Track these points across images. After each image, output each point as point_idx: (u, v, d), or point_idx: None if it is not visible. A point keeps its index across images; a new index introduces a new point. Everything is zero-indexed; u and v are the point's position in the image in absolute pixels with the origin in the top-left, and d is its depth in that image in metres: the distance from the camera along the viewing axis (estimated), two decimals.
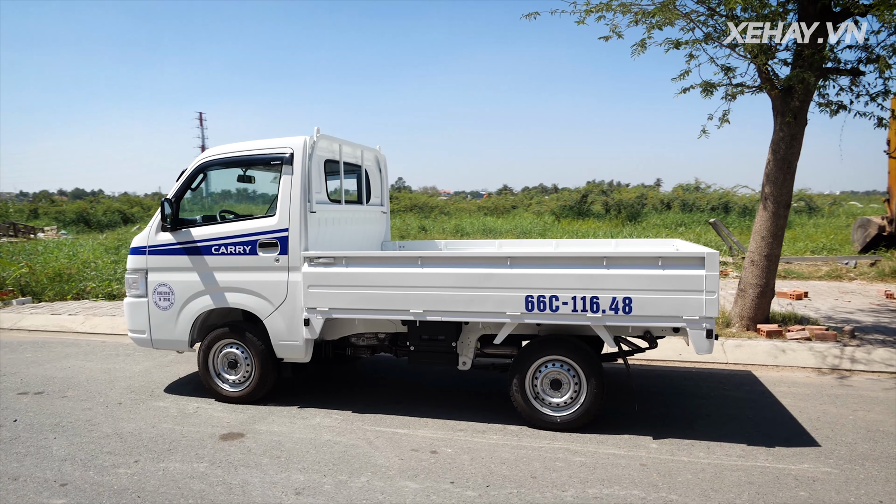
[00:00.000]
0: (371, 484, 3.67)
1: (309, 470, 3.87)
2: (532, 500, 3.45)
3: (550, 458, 4.03)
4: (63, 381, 5.94)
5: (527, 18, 7.11)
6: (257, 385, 5.15)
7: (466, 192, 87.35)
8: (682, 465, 3.89)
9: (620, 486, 3.62)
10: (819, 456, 4.03)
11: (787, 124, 6.70)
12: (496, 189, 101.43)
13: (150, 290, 5.32)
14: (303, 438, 4.40)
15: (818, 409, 4.96)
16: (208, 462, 3.99)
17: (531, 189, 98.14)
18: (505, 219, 29.74)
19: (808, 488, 3.57)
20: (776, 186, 6.88)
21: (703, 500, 3.43)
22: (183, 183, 5.29)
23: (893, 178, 14.70)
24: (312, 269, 4.80)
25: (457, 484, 3.66)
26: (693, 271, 4.14)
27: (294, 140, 5.03)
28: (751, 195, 29.19)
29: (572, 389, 4.52)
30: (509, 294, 4.42)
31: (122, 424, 4.71)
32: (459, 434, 4.46)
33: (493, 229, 23.66)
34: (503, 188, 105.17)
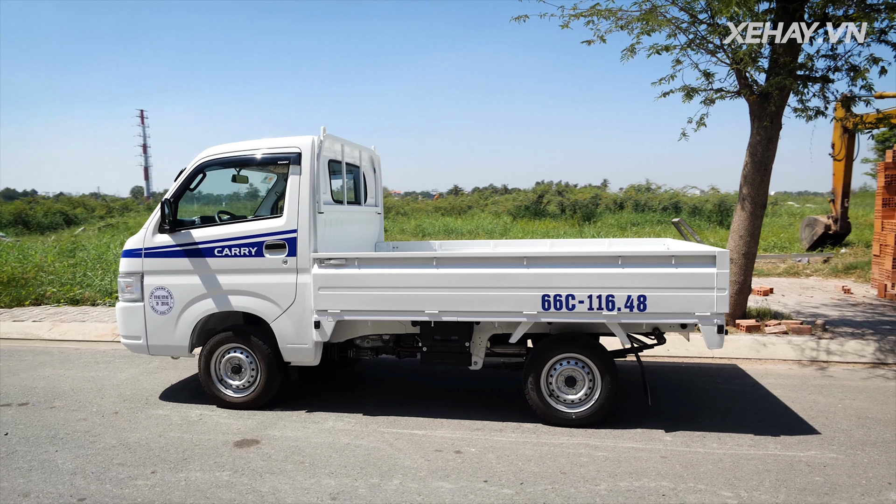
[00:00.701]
0: (405, 486, 3.66)
1: (337, 475, 3.82)
2: (568, 496, 3.52)
3: (573, 453, 4.11)
4: (46, 391, 5.65)
5: (516, 21, 7.20)
6: (263, 390, 5.03)
7: (417, 192, 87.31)
8: (701, 456, 4.04)
9: (649, 478, 3.73)
10: (822, 443, 4.25)
11: (763, 128, 7.02)
12: (447, 189, 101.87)
13: (147, 294, 5.12)
14: (321, 443, 4.33)
15: (808, 399, 5.23)
16: (230, 470, 3.89)
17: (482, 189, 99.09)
18: (463, 219, 29.90)
19: (822, 473, 3.77)
20: (753, 188, 7.21)
21: (730, 489, 3.58)
22: (182, 183, 5.12)
23: (838, 180, 15.55)
24: (323, 271, 4.73)
25: (490, 482, 3.69)
26: (705, 269, 4.30)
27: (301, 140, 4.95)
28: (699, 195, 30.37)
29: (587, 386, 4.62)
30: (526, 293, 4.48)
31: (126, 435, 4.53)
32: (477, 433, 4.49)
33: (455, 229, 23.77)
34: (454, 188, 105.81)
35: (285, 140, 5.01)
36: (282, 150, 4.96)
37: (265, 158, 5.07)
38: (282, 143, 5.01)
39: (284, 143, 4.99)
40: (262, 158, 5.09)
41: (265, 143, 5.09)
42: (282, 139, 5.04)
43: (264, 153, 5.05)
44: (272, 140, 5.07)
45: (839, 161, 15.38)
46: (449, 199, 38.80)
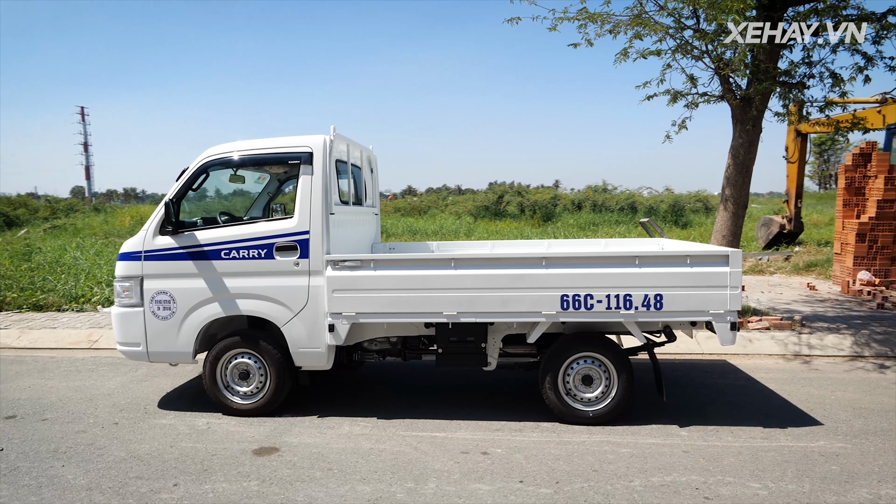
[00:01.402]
0: (442, 489, 3.63)
1: (370, 480, 3.76)
2: (606, 493, 3.57)
3: (598, 451, 4.17)
4: (32, 402, 5.34)
5: (509, 23, 7.26)
6: (272, 396, 4.90)
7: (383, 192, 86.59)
8: (720, 450, 4.16)
9: (678, 472, 3.82)
10: (827, 434, 4.45)
11: (746, 131, 7.29)
12: (400, 190, 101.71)
13: (147, 298, 4.91)
14: (343, 448, 4.25)
15: (802, 391, 5.46)
16: (257, 480, 3.77)
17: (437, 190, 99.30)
18: (425, 219, 29.89)
19: (836, 463, 3.95)
20: (736, 189, 7.48)
21: (757, 480, 3.70)
22: (184, 183, 4.93)
23: (791, 181, 16.28)
24: (338, 273, 4.65)
25: (527, 483, 3.70)
26: (718, 268, 4.43)
27: (312, 139, 4.85)
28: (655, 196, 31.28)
29: (603, 384, 4.69)
30: (545, 294, 4.52)
31: (134, 446, 4.33)
32: (498, 434, 4.50)
33: (418, 230, 23.69)
34: (408, 189, 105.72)
35: (295, 139, 4.89)
36: (292, 150, 4.84)
37: (274, 158, 4.94)
38: (291, 142, 4.89)
39: (294, 142, 4.87)
40: (270, 158, 4.96)
41: (273, 142, 4.95)
42: (290, 138, 4.92)
43: (273, 152, 4.92)
44: (280, 139, 4.95)
45: (792, 163, 16.12)
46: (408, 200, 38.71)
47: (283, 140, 4.94)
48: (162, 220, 4.90)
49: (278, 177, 6.17)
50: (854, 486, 3.62)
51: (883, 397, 5.28)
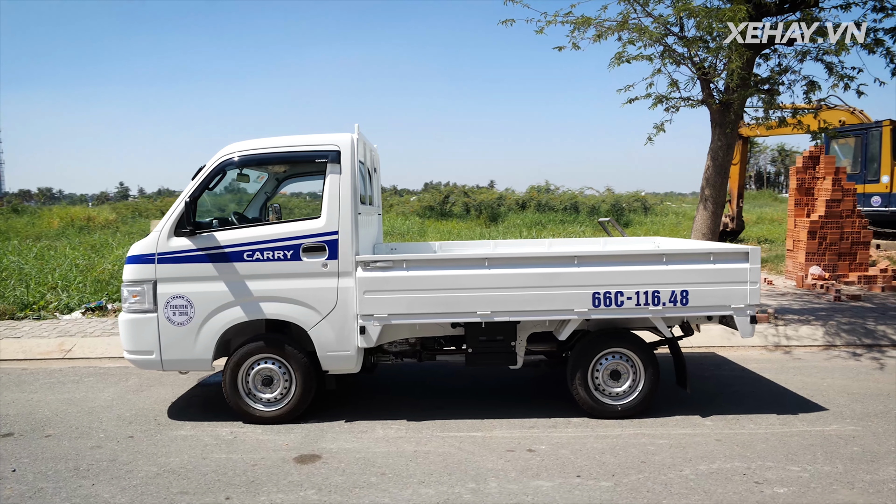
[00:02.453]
0: (505, 488, 3.64)
1: (429, 483, 3.72)
2: (664, 482, 3.69)
3: (637, 443, 4.30)
4: (24, 418, 4.94)
5: (503, 24, 7.33)
6: (298, 402, 4.75)
7: (304, 192, 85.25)
8: (748, 437, 4.38)
9: (721, 460, 3.99)
10: (836, 418, 4.77)
11: (725, 135, 7.68)
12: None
13: (162, 303, 4.65)
14: (387, 452, 4.18)
15: (795, 380, 5.81)
16: (314, 489, 3.66)
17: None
18: None
19: (855, 444, 4.24)
20: (715, 189, 7.86)
21: (794, 463, 3.93)
22: (201, 182, 4.71)
23: (733, 182, 17.20)
24: (369, 274, 4.57)
25: (584, 477, 3.77)
26: (739, 265, 4.66)
27: (339, 137, 4.74)
28: (597, 196, 32.32)
29: (631, 379, 4.83)
30: (577, 291, 4.60)
31: (163, 460, 4.09)
32: (534, 431, 4.55)
33: None
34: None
35: (320, 137, 4.77)
36: (319, 148, 4.71)
37: (299, 156, 4.80)
38: (317, 140, 4.76)
39: (320, 140, 4.75)
40: (295, 156, 4.82)
41: (297, 139, 4.81)
42: (315, 136, 4.79)
43: (298, 150, 4.78)
44: (304, 137, 4.81)
45: (735, 165, 17.03)
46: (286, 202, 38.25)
47: (308, 138, 4.80)
48: (178, 221, 4.66)
49: (277, 176, 5.99)
50: (881, 465, 3.89)
51: (869, 383, 5.70)
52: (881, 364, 6.34)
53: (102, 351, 7.02)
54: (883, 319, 7.87)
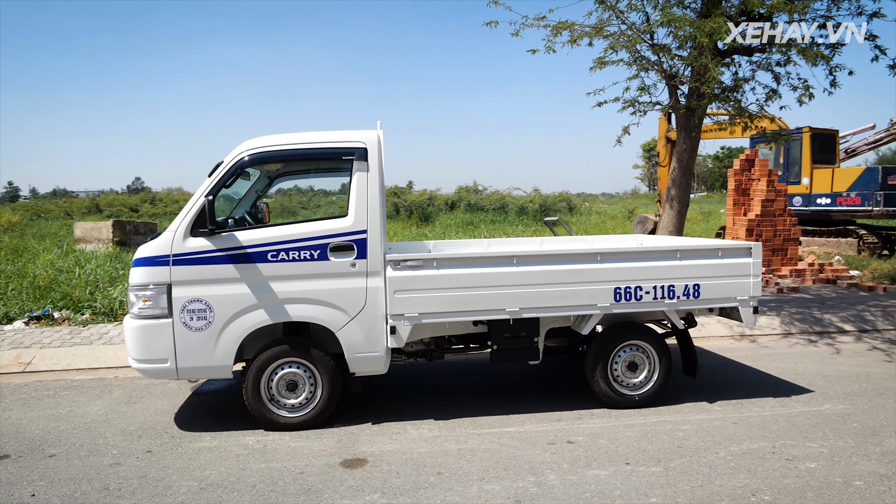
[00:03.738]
0: (565, 479, 3.73)
1: (489, 479, 3.74)
2: (707, 464, 3.91)
3: (664, 430, 4.51)
4: (12, 437, 4.49)
5: (487, 26, 7.43)
6: (325, 406, 4.62)
7: (288, 190, 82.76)
8: (760, 419, 4.71)
9: (747, 441, 4.27)
10: (824, 399, 5.21)
11: (690, 138, 8.16)
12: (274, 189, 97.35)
13: (177, 307, 4.38)
14: (432, 452, 4.16)
15: (773, 366, 6.29)
16: (377, 492, 3.58)
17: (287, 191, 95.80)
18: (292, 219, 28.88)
19: (853, 421, 4.66)
20: (681, 190, 8.33)
21: (810, 441, 4.27)
22: (219, 179, 4.48)
23: (662, 183, 18.18)
24: (399, 273, 4.52)
25: (633, 464, 3.93)
26: (744, 259, 4.99)
27: (365, 134, 4.65)
28: (524, 196, 33.18)
29: (647, 369, 5.06)
30: (600, 287, 4.77)
31: (199, 474, 3.86)
32: (563, 424, 4.67)
33: None
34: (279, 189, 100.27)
35: (345, 134, 4.66)
36: (345, 145, 4.60)
37: (324, 153, 4.67)
38: (341, 137, 4.65)
39: (345, 137, 4.64)
40: (320, 153, 4.68)
41: (320, 136, 4.67)
42: (339, 133, 4.68)
43: (324, 147, 4.64)
44: (328, 134, 4.68)
45: (663, 167, 18.03)
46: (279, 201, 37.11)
47: (332, 135, 4.68)
48: (194, 221, 4.40)
49: (269, 174, 5.78)
50: (883, 438, 4.31)
51: (835, 366, 6.26)
52: (837, 349, 6.97)
53: (68, 362, 6.48)
54: (824, 309, 8.65)
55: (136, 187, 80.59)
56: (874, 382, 5.65)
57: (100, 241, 14.22)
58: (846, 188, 12.55)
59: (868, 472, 3.78)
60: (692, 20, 6.62)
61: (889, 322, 8.07)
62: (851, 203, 12.36)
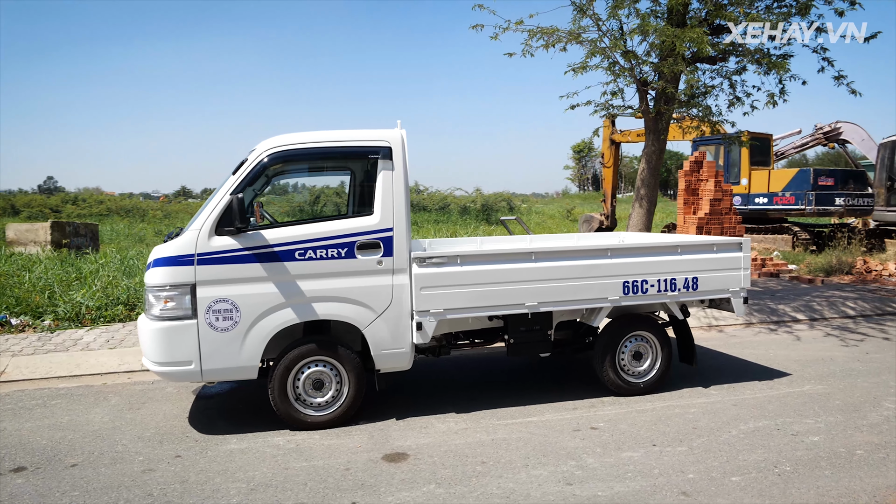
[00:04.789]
0: (603, 461, 3.94)
1: (534, 465, 3.90)
2: (725, 442, 4.22)
3: (674, 413, 4.82)
4: (20, 449, 4.24)
5: (473, 29, 7.60)
6: (351, 404, 4.63)
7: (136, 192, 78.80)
8: (755, 401, 5.11)
9: (752, 420, 4.64)
10: (803, 381, 5.70)
11: (658, 140, 8.63)
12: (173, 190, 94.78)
13: (202, 308, 4.29)
14: (468, 443, 4.27)
15: (747, 353, 6.79)
16: (432, 483, 3.66)
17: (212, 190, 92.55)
18: None
19: (835, 399, 5.14)
20: (649, 189, 8.79)
21: (805, 417, 4.69)
22: (246, 177, 4.42)
23: (607, 183, 18.95)
24: (425, 270, 4.60)
25: (660, 445, 4.19)
26: (736, 253, 5.39)
27: (389, 133, 4.70)
28: (466, 196, 33.59)
29: (651, 358, 5.36)
30: (611, 281, 5.03)
31: (243, 475, 3.80)
32: (579, 412, 4.90)
33: None
34: (181, 189, 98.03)
35: (369, 133, 4.69)
36: (371, 144, 4.63)
37: (349, 151, 4.70)
38: (366, 135, 4.68)
39: (370, 135, 4.67)
40: (345, 151, 4.70)
41: (345, 134, 4.68)
42: (363, 132, 4.71)
43: (349, 146, 4.66)
44: (353, 132, 4.70)
45: (608, 168, 18.80)
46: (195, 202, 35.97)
47: (356, 133, 4.70)
48: (219, 219, 4.32)
49: (267, 173, 5.70)
50: (866, 413, 4.79)
51: (801, 352, 6.83)
52: (797, 337, 7.58)
53: (46, 370, 6.12)
54: (776, 300, 9.35)
55: (48, 187, 75.79)
56: (840, 365, 6.22)
57: (36, 244, 13.36)
58: (781, 188, 13.57)
59: (865, 443, 4.20)
60: (673, 30, 7.04)
61: (834, 311, 8.84)
62: (786, 202, 13.38)
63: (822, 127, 15.95)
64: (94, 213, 30.29)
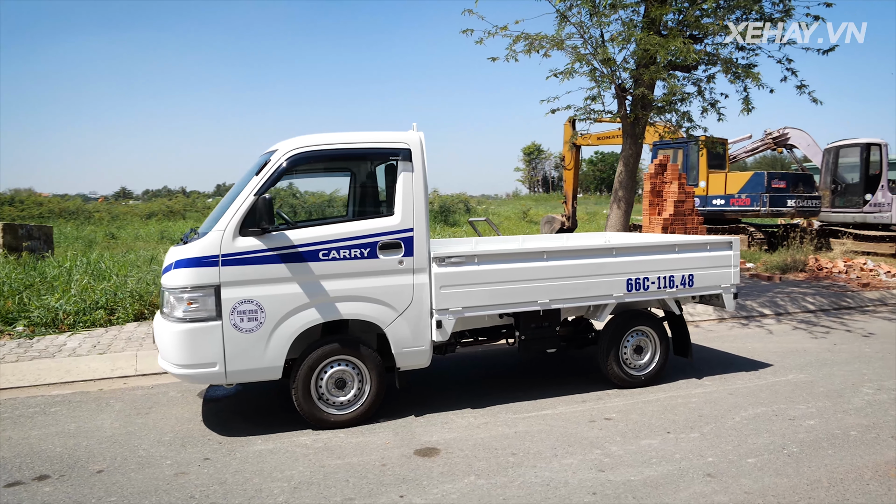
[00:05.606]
0: (626, 448, 4.15)
1: (564, 454, 4.06)
2: (733, 427, 4.51)
3: (678, 403, 5.09)
4: (38, 456, 4.10)
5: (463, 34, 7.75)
6: (373, 402, 4.69)
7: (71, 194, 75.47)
8: (747, 390, 5.44)
9: (751, 407, 4.95)
10: (785, 370, 6.09)
11: (635, 144, 9.00)
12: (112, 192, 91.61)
13: (227, 309, 4.27)
14: (494, 436, 4.41)
15: (728, 346, 7.18)
16: (472, 475, 3.78)
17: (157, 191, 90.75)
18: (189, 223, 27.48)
19: (818, 386, 5.53)
20: (627, 191, 9.15)
21: (797, 404, 5.04)
22: (269, 178, 4.42)
23: (568, 185, 19.46)
24: (444, 270, 4.71)
25: (674, 432, 4.44)
26: (726, 252, 5.73)
27: (408, 135, 4.79)
28: None
29: (651, 352, 5.63)
30: (616, 278, 5.27)
31: (280, 474, 3.81)
32: (589, 405, 5.10)
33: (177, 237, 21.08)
34: (121, 191, 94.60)
35: (389, 135, 4.77)
36: (391, 145, 4.71)
37: (370, 152, 4.77)
38: (387, 137, 4.75)
39: (390, 137, 4.75)
40: (366, 152, 4.77)
41: (365, 136, 4.74)
42: (383, 134, 4.78)
43: (369, 148, 4.73)
44: (373, 134, 4.76)
45: (568, 170, 19.31)
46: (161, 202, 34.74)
47: (376, 135, 4.76)
48: (243, 220, 4.31)
49: (260, 171, 5.71)
50: (850, 398, 5.19)
51: (775, 344, 7.28)
52: (769, 330, 8.06)
53: (35, 378, 5.90)
54: (742, 297, 9.87)
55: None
56: (814, 355, 6.67)
57: None
58: (737, 190, 14.29)
59: (856, 424, 4.57)
60: (658, 39, 7.37)
61: (796, 306, 9.41)
62: (742, 204, 14.10)
63: (771, 132, 16.89)
64: (35, 216, 28.84)
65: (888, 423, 4.60)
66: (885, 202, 14.69)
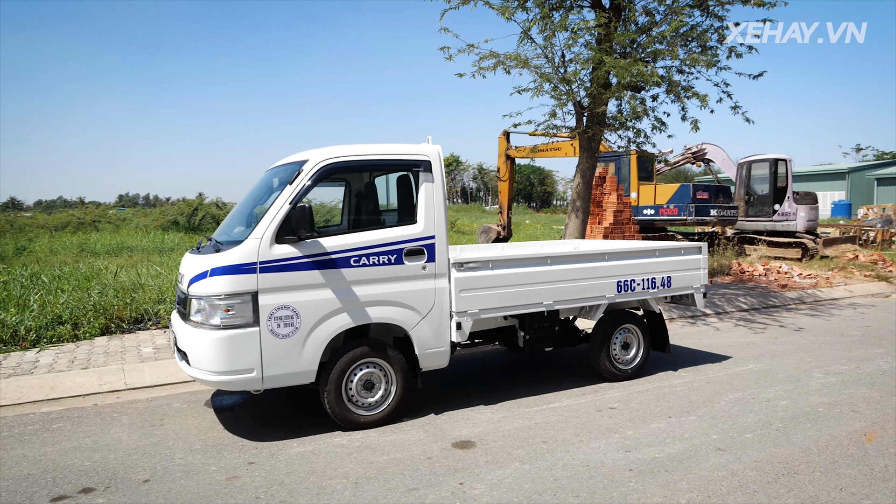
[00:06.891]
0: (640, 432, 4.60)
1: (589, 440, 4.45)
2: (721, 410, 5.08)
3: (666, 392, 5.64)
4: (70, 470, 3.99)
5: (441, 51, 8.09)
6: (399, 402, 4.89)
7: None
8: (720, 378, 6.09)
9: (732, 392, 5.57)
10: (745, 361, 6.83)
11: (591, 157, 9.67)
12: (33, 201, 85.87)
13: (264, 315, 4.35)
14: (518, 427, 4.73)
15: (687, 342, 7.90)
16: (516, 461, 4.07)
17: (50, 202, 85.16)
18: (104, 235, 25.81)
19: (778, 373, 6.27)
20: (584, 201, 9.79)
21: (767, 388, 5.71)
22: (303, 188, 4.55)
23: (503, 196, 20.10)
24: (463, 274, 5.01)
25: (674, 417, 4.95)
26: (697, 256, 6.39)
27: (427, 147, 5.06)
28: None
29: (636, 348, 6.17)
30: (609, 281, 5.77)
31: (332, 473, 3.94)
32: (588, 397, 5.54)
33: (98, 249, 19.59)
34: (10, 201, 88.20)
35: (409, 147, 5.02)
36: (413, 157, 4.97)
37: (394, 164, 4.99)
38: (408, 149, 5.00)
39: (411, 150, 5.00)
40: (390, 163, 4.99)
41: (388, 148, 4.97)
42: (402, 146, 5.03)
43: (394, 159, 4.96)
44: (394, 147, 5.00)
45: (504, 182, 20.00)
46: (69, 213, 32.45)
47: (398, 147, 5.00)
48: (279, 228, 4.42)
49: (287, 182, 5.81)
50: (807, 381, 5.93)
51: (727, 339, 8.07)
52: (716, 328, 8.89)
53: (17, 396, 5.60)
54: None
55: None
56: (762, 348, 7.48)
57: None
58: (666, 201, 15.45)
59: (820, 403, 5.27)
60: (621, 62, 8.04)
61: (732, 306, 10.40)
62: (670, 213, 15.26)
63: (690, 147, 18.38)
64: None
65: (845, 399, 5.34)
66: (791, 212, 16.39)
